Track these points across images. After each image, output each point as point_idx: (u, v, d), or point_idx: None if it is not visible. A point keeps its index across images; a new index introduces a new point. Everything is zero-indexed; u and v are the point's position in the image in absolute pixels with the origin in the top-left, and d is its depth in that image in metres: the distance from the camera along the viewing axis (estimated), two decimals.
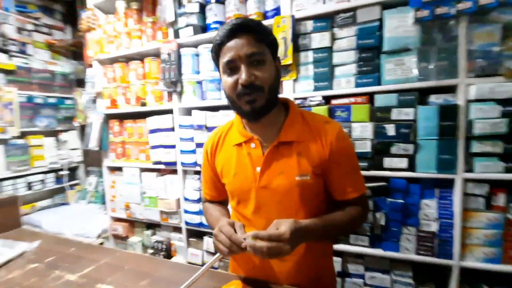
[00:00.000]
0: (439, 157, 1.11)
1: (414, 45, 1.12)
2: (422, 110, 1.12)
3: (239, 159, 0.79)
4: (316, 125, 0.77)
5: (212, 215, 0.88)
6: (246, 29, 0.69)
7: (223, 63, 0.70)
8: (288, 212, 0.75)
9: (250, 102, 0.69)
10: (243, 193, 0.78)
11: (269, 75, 0.70)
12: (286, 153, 0.74)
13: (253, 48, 0.68)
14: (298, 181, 0.73)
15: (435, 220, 1.16)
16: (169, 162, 1.67)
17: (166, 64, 1.57)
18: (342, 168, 0.76)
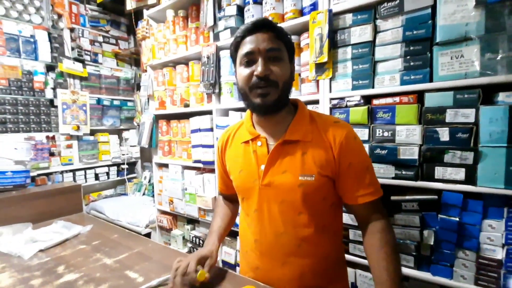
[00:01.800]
0: (508, 169, 0.90)
1: (477, 33, 0.93)
2: (486, 111, 0.93)
3: (245, 156, 0.81)
4: (324, 125, 0.76)
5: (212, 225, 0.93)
6: (267, 26, 0.72)
7: (241, 55, 0.73)
8: (290, 213, 0.74)
9: (262, 95, 0.70)
10: (247, 190, 0.80)
11: (285, 72, 0.72)
12: (291, 152, 0.75)
13: (273, 43, 0.71)
14: (301, 181, 0.72)
15: (502, 246, 0.95)
16: (207, 161, 1.74)
17: (205, 66, 1.63)
18: (354, 169, 0.72)
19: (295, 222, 0.74)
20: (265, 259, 0.78)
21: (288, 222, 0.74)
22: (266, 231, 0.77)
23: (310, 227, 0.74)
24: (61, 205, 1.39)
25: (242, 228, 0.89)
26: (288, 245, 0.74)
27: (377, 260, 0.68)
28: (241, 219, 0.89)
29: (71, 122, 2.42)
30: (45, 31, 2.28)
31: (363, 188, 0.73)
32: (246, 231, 0.84)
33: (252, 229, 0.80)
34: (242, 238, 0.89)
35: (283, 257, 0.75)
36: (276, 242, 0.76)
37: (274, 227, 0.76)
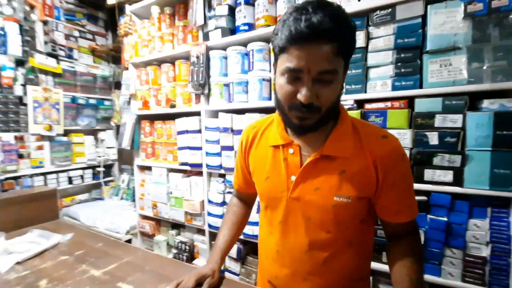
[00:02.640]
0: (493, 171, 0.96)
1: (464, 44, 0.98)
2: (472, 117, 0.98)
3: (274, 162, 0.72)
4: (370, 140, 0.66)
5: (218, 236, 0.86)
6: (329, 36, 0.54)
7: (285, 67, 0.58)
8: (317, 231, 0.68)
9: (301, 119, 0.61)
10: (273, 200, 0.73)
11: (333, 96, 0.60)
12: (328, 168, 0.66)
13: (328, 65, 0.55)
14: (336, 202, 0.65)
15: (486, 244, 1.01)
16: (195, 164, 1.67)
17: (195, 66, 1.58)
18: (396, 190, 0.66)
19: (322, 241, 0.68)
20: (286, 271, 0.73)
21: (314, 241, 0.68)
22: (289, 245, 0.71)
23: (336, 245, 0.68)
24: (35, 212, 1.26)
25: (263, 233, 0.82)
26: (312, 264, 0.69)
27: (400, 266, 0.66)
28: (262, 223, 0.82)
29: (42, 122, 2.22)
30: (16, 23, 2.08)
31: (403, 209, 0.68)
32: (267, 238, 0.78)
33: (275, 239, 0.74)
34: (262, 244, 0.83)
35: (305, 274, 0.70)
36: (300, 259, 0.70)
37: (298, 244, 0.70)
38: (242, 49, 1.51)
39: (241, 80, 1.51)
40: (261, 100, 1.45)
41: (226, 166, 1.55)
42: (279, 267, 0.74)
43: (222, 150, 1.56)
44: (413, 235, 0.72)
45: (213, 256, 0.82)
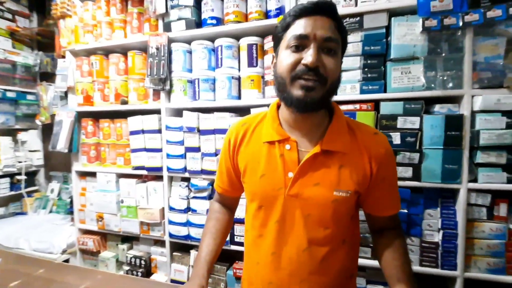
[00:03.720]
0: (444, 166, 1.09)
1: (422, 54, 1.10)
2: (428, 119, 1.10)
3: (270, 159, 0.68)
4: (364, 137, 0.68)
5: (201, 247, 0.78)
6: (330, 11, 0.60)
7: (290, 36, 0.60)
8: (316, 228, 0.66)
9: (307, 88, 0.58)
10: (269, 198, 0.68)
11: (336, 69, 0.61)
12: (327, 163, 0.65)
13: (332, 33, 0.59)
14: (336, 197, 0.64)
15: (438, 231, 1.14)
16: (153, 168, 1.49)
17: (154, 59, 1.41)
18: (386, 184, 0.68)
19: (320, 238, 0.66)
20: (282, 274, 0.68)
21: (313, 239, 0.66)
22: (287, 245, 0.68)
23: (332, 243, 0.67)
24: None
25: (251, 237, 0.75)
26: (310, 263, 0.67)
27: (392, 259, 0.68)
28: (251, 227, 0.75)
29: None
30: None
31: (391, 202, 0.71)
32: (258, 241, 0.72)
33: (270, 240, 0.69)
34: (251, 249, 0.75)
35: (303, 275, 0.67)
36: (297, 259, 0.67)
37: (296, 242, 0.67)
38: (209, 44, 1.40)
39: (208, 77, 1.40)
40: (230, 99, 1.37)
41: (191, 169, 1.41)
42: (275, 270, 0.69)
43: (187, 152, 1.42)
44: (398, 227, 0.76)
45: (198, 269, 0.73)
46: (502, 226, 1.06)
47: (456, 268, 1.10)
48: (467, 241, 1.09)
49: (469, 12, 1.02)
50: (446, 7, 1.04)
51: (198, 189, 1.42)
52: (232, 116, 1.37)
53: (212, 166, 1.38)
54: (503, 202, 1.06)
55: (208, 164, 1.38)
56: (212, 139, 1.38)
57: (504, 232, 1.06)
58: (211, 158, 1.38)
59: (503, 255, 1.06)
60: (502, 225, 1.06)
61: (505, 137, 1.00)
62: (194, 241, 1.43)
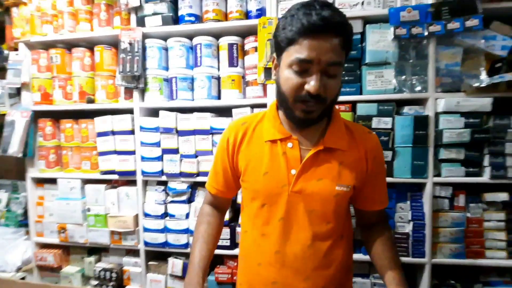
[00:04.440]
0: (413, 163, 1.21)
1: (393, 60, 1.21)
2: (399, 119, 1.21)
3: (272, 157, 0.70)
4: (360, 135, 0.73)
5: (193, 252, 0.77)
6: (339, 30, 0.58)
7: (295, 58, 0.58)
8: (319, 223, 0.69)
9: (306, 112, 0.63)
10: (272, 196, 0.70)
11: (337, 89, 0.64)
12: (328, 159, 0.69)
13: (337, 57, 0.59)
14: (338, 191, 0.68)
15: (408, 222, 1.25)
16: (125, 172, 1.40)
17: (127, 54, 1.33)
18: (378, 180, 0.75)
19: (322, 233, 0.70)
20: (286, 272, 0.70)
21: (316, 234, 0.69)
22: (291, 242, 0.70)
23: (333, 237, 0.71)
24: None
25: (250, 238, 0.76)
26: (315, 258, 0.69)
27: (382, 251, 0.74)
28: (250, 227, 0.76)
29: None
30: None
31: (382, 197, 0.77)
32: (260, 241, 0.73)
33: (274, 239, 0.70)
34: (251, 250, 0.76)
35: (308, 271, 0.69)
36: (302, 255, 0.69)
37: (301, 239, 0.69)
38: (187, 42, 1.38)
39: (186, 76, 1.37)
40: (210, 99, 1.36)
41: (169, 172, 1.36)
42: (279, 269, 0.71)
43: (164, 154, 1.37)
44: (386, 221, 0.83)
45: (193, 277, 0.72)
46: (461, 215, 1.21)
47: (425, 256, 1.22)
48: (433, 230, 1.21)
49: (432, 23, 1.15)
50: (413, 18, 1.16)
51: (176, 192, 1.38)
52: (213, 116, 1.36)
53: (192, 168, 1.34)
54: (461, 194, 1.21)
55: (187, 166, 1.35)
56: (192, 140, 1.35)
57: (463, 221, 1.20)
58: (190, 160, 1.34)
59: (462, 241, 1.20)
60: (461, 214, 1.21)
61: (464, 136, 1.15)
62: (173, 248, 1.38)
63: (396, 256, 0.74)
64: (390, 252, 0.75)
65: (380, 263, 0.74)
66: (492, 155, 1.16)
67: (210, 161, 1.33)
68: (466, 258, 1.20)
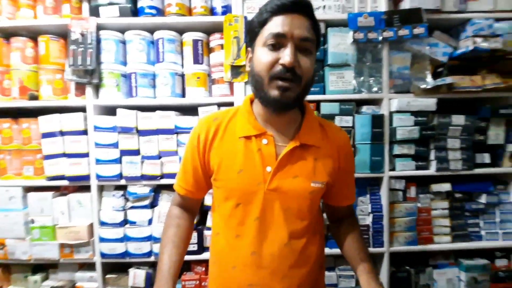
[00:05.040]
0: (371, 159, 1.32)
1: (352, 62, 1.31)
2: (358, 118, 1.31)
3: (247, 154, 0.70)
4: (333, 132, 0.77)
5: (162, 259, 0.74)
6: (308, 12, 0.64)
7: (267, 34, 0.62)
8: (295, 220, 0.71)
9: (283, 89, 0.62)
10: (247, 195, 0.69)
11: (310, 69, 0.66)
12: (303, 156, 0.71)
13: (309, 34, 0.63)
14: (313, 188, 0.70)
15: (368, 214, 1.36)
16: (77, 177, 1.29)
17: (78, 46, 1.23)
18: (348, 176, 0.80)
19: (298, 231, 0.71)
20: (263, 273, 0.69)
21: (292, 232, 0.70)
22: (267, 242, 0.69)
23: (308, 234, 0.73)
24: None
25: (223, 240, 0.74)
26: (291, 256, 0.70)
27: (352, 243, 0.79)
28: (226, 228, 0.73)
29: None
30: None
31: (351, 192, 0.83)
32: (234, 243, 0.71)
33: (249, 240, 0.70)
34: (226, 252, 0.73)
35: (285, 270, 0.70)
36: (279, 254, 0.69)
37: (278, 238, 0.69)
38: (148, 36, 1.32)
39: (147, 72, 1.32)
40: (173, 97, 1.32)
41: (129, 175, 1.29)
42: (256, 270, 0.70)
43: (123, 156, 1.29)
44: (354, 215, 0.89)
45: (162, 285, 0.69)
46: (413, 205, 1.35)
47: (383, 245, 1.33)
48: (390, 221, 1.34)
49: (386, 29, 1.27)
50: (369, 24, 1.28)
51: (137, 197, 1.31)
52: (178, 115, 1.32)
53: (155, 170, 1.29)
54: (413, 186, 1.36)
55: (149, 168, 1.29)
56: (155, 140, 1.30)
57: (415, 210, 1.35)
58: (153, 162, 1.29)
59: (414, 229, 1.35)
60: (413, 204, 1.35)
61: (414, 132, 1.29)
62: (134, 257, 1.31)
63: (364, 247, 0.79)
64: (359, 243, 0.79)
65: (351, 255, 0.78)
66: (437, 150, 1.32)
67: (175, 162, 1.30)
68: (418, 244, 1.35)
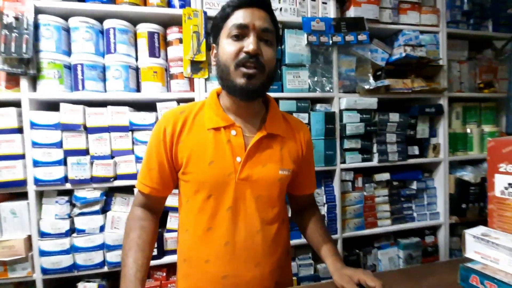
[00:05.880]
0: (325, 153, 1.47)
1: (307, 62, 1.44)
2: (314, 115, 1.45)
3: (217, 145, 0.73)
4: (296, 124, 0.85)
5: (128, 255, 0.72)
6: (266, 5, 0.72)
7: (231, 25, 0.69)
8: (265, 208, 0.76)
9: (248, 76, 0.68)
10: (219, 185, 0.72)
11: (272, 59, 0.72)
12: (270, 145, 0.77)
13: (269, 25, 0.70)
14: (281, 175, 0.77)
15: (324, 205, 1.51)
16: (10, 182, 1.14)
17: (11, 32, 1.09)
18: (310, 166, 0.89)
19: (269, 218, 0.76)
20: (237, 263, 0.72)
21: (264, 219, 0.75)
22: (240, 231, 0.73)
23: (277, 222, 0.78)
24: None
25: (196, 235, 0.74)
26: (263, 243, 0.74)
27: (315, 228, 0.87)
28: (195, 223, 0.74)
29: None
30: None
31: (312, 182, 0.91)
32: (208, 236, 0.73)
33: (222, 231, 0.72)
34: (197, 247, 0.74)
35: (257, 258, 0.73)
36: (252, 242, 0.73)
37: (250, 226, 0.73)
38: (96, 24, 1.24)
39: (95, 63, 1.24)
40: (127, 92, 1.27)
41: (76, 178, 1.19)
42: (229, 261, 0.72)
43: (68, 156, 1.19)
44: (315, 203, 0.99)
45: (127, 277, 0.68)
46: (360, 194, 1.55)
47: (337, 232, 1.50)
48: (342, 209, 1.51)
49: (335, 34, 1.44)
50: (321, 28, 1.43)
51: (86, 202, 1.22)
52: (133, 111, 1.27)
53: (107, 172, 1.22)
54: (359, 176, 1.56)
55: (101, 169, 1.22)
56: (106, 139, 1.23)
57: (362, 199, 1.55)
58: (105, 162, 1.22)
59: (362, 215, 1.55)
60: (360, 193, 1.55)
61: (360, 128, 1.48)
62: (84, 270, 1.21)
63: (327, 232, 0.88)
64: (322, 229, 0.88)
65: (315, 240, 0.86)
66: (378, 144, 1.55)
67: (131, 162, 1.25)
68: (366, 229, 1.55)
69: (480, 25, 1.68)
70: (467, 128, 1.74)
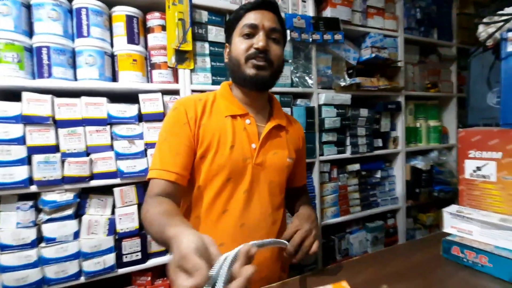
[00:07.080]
0: (307, 146, 1.57)
1: (290, 58, 1.52)
2: (296, 109, 1.54)
3: (236, 131, 0.80)
4: (292, 119, 1.00)
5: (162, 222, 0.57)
6: (274, 8, 0.82)
7: (242, 25, 0.78)
8: (276, 193, 0.85)
9: (258, 67, 0.76)
10: (239, 169, 0.79)
11: (280, 56, 0.82)
12: (279, 135, 0.88)
13: (276, 25, 0.80)
14: (288, 163, 0.87)
15: None
16: None
17: None
18: (303, 159, 1.00)
19: (278, 203, 0.85)
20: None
21: (274, 204, 0.83)
22: (253, 213, 0.80)
23: (282, 208, 0.88)
24: None
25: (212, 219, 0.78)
26: (272, 227, 0.82)
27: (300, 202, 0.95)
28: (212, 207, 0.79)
29: None
30: None
31: (304, 175, 1.03)
32: (223, 218, 0.78)
33: (237, 213, 0.78)
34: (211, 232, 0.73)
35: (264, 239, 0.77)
36: (265, 225, 0.81)
37: (263, 209, 0.81)
38: (65, 3, 1.12)
39: (64, 47, 1.11)
40: (103, 81, 1.17)
41: (43, 179, 1.06)
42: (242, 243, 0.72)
43: (33, 154, 1.05)
44: (307, 192, 1.08)
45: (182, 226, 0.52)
46: (336, 184, 1.71)
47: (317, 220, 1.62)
48: (321, 199, 1.64)
49: (314, 32, 1.55)
50: (301, 25, 1.52)
51: (56, 206, 1.09)
52: (110, 103, 1.18)
53: (82, 171, 1.11)
54: (335, 168, 1.71)
55: (74, 168, 1.10)
56: (80, 133, 1.12)
57: (337, 188, 1.71)
58: (79, 160, 1.11)
59: (337, 204, 1.71)
60: (335, 183, 1.71)
61: (336, 123, 1.63)
62: (56, 283, 1.09)
63: (310, 204, 0.96)
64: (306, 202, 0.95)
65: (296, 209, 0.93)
66: (351, 137, 1.72)
67: (109, 159, 1.17)
68: (340, 216, 1.71)
69: (428, 32, 1.99)
70: (417, 123, 2.05)
